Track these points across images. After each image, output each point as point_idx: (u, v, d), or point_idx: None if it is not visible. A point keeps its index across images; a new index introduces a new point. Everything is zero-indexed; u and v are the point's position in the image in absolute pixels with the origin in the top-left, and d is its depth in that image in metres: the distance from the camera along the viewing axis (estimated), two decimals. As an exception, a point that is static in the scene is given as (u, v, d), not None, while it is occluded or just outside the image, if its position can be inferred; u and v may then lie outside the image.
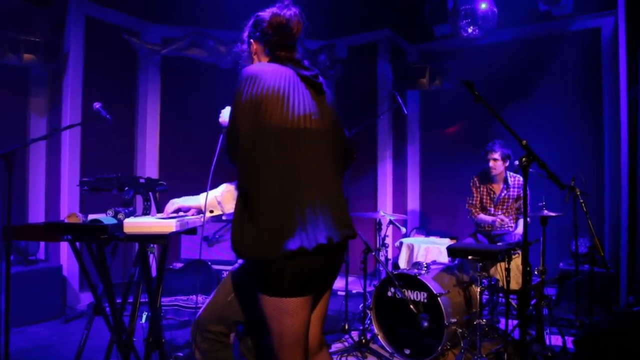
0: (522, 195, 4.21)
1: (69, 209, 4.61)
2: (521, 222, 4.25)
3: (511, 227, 4.30)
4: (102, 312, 2.37)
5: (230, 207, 1.99)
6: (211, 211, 2.01)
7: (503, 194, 4.32)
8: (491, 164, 4.23)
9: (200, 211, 2.03)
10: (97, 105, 2.68)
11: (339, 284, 5.86)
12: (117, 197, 2.26)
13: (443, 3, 4.95)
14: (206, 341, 2.03)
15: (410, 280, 3.47)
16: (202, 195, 2.01)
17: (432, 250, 4.35)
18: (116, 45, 5.13)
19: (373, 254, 3.72)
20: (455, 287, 3.56)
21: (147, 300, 2.42)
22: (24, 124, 4.92)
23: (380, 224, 4.22)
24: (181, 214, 2.03)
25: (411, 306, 3.36)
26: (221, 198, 2.01)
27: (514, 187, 4.30)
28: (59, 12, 4.81)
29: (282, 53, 1.80)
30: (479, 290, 3.30)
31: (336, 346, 3.73)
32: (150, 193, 2.44)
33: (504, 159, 4.22)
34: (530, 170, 2.07)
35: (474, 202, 4.47)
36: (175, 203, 2.01)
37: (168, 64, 5.55)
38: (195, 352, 2.05)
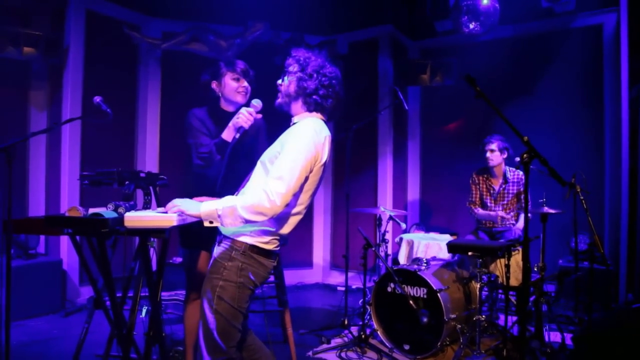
0: (522, 190, 4.24)
1: (69, 203, 4.61)
2: (522, 217, 4.27)
3: (513, 224, 4.31)
4: (103, 306, 2.38)
5: (229, 222, 1.89)
6: (210, 222, 1.93)
7: (501, 189, 4.34)
8: (488, 154, 4.29)
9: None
10: (97, 99, 2.67)
11: (339, 279, 5.91)
12: (117, 191, 2.25)
13: (445, -1, 4.94)
14: None
15: (410, 276, 3.47)
16: (204, 204, 1.94)
17: (432, 246, 4.35)
18: (117, 39, 5.11)
19: (373, 249, 3.73)
20: (455, 283, 3.57)
21: (147, 294, 2.42)
22: (24, 118, 4.91)
23: (380, 219, 4.22)
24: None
25: (411, 302, 3.37)
26: (222, 212, 1.90)
27: (513, 182, 4.32)
28: (59, 6, 4.79)
29: None
30: (478, 286, 3.30)
31: (336, 341, 3.74)
32: (151, 187, 2.44)
33: (501, 150, 4.27)
34: (531, 166, 2.06)
35: (473, 199, 4.48)
36: (176, 205, 1.95)
37: (169, 58, 5.53)
38: None
